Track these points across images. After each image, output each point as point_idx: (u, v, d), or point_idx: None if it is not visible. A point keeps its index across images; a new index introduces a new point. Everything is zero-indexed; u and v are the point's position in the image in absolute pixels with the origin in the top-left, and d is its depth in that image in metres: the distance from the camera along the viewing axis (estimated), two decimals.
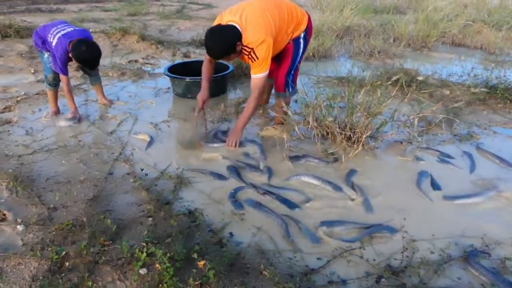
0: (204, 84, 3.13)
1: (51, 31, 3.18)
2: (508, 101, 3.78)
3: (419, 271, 1.79)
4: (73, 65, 4.39)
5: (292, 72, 3.12)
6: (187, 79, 3.84)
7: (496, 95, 3.88)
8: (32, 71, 4.84)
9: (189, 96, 3.92)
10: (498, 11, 8.31)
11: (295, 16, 2.94)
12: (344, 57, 5.77)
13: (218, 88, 4.04)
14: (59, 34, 3.13)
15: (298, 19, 2.97)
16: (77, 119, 3.39)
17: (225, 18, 2.79)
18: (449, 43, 6.63)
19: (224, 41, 2.70)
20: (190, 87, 3.89)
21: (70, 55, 3.10)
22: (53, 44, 3.13)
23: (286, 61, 3.07)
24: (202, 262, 1.68)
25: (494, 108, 3.74)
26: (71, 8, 9.52)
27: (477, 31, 6.71)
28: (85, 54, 3.07)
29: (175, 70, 4.08)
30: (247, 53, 2.77)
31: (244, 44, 2.73)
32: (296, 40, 3.02)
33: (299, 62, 3.15)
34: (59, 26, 3.23)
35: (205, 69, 3.14)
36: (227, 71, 4.02)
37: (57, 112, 3.55)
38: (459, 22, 6.75)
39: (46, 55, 3.35)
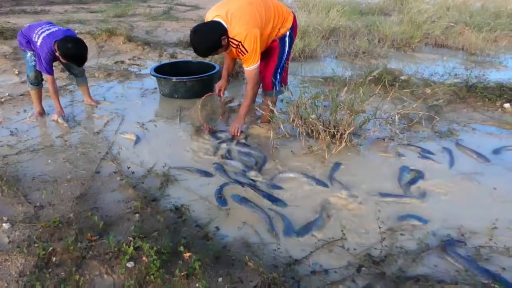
0: (223, 73, 3.37)
1: (36, 31, 3.19)
2: (487, 99, 3.89)
3: (398, 260, 1.86)
4: (58, 66, 4.41)
5: (279, 71, 3.18)
6: (174, 79, 3.87)
7: (476, 94, 4.00)
8: (16, 72, 4.82)
9: (176, 96, 3.95)
10: (480, 13, 8.51)
11: (281, 13, 3.01)
12: (330, 57, 5.86)
13: (204, 88, 4.07)
14: (43, 34, 3.14)
15: (284, 16, 3.03)
16: (60, 118, 3.39)
17: (211, 14, 2.86)
18: (432, 44, 6.78)
19: (208, 38, 2.76)
20: (177, 87, 3.92)
21: (56, 54, 3.11)
22: (38, 43, 3.14)
23: (273, 60, 3.13)
24: (187, 254, 1.72)
25: (474, 106, 3.85)
26: (56, 9, 9.46)
27: (459, 33, 6.87)
28: (72, 50, 3.06)
29: (162, 71, 4.11)
30: (235, 46, 2.82)
31: (231, 36, 2.78)
32: (282, 39, 3.08)
33: (286, 61, 3.21)
34: (44, 26, 3.24)
35: (225, 59, 3.33)
36: (214, 71, 4.06)
37: (42, 112, 3.54)
38: (441, 24, 6.90)
39: (29, 54, 3.34)
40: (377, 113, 3.05)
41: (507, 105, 3.80)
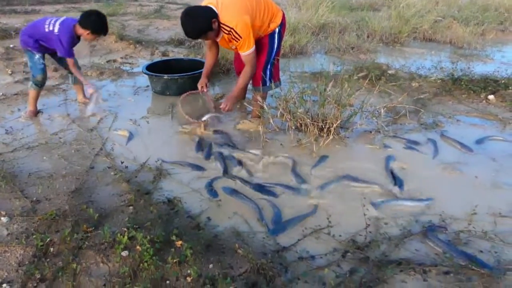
0: (204, 71, 3.42)
1: (46, 23, 3.24)
2: (472, 92, 4.00)
3: (381, 245, 1.95)
4: (51, 65, 4.46)
5: (269, 66, 3.25)
6: (165, 76, 3.94)
7: (461, 86, 4.10)
8: (9, 72, 4.85)
9: (168, 93, 4.02)
10: (468, 7, 8.64)
11: (271, 8, 3.10)
12: (320, 53, 5.94)
13: (196, 85, 4.13)
14: (57, 22, 3.23)
15: (274, 11, 3.12)
16: (97, 91, 3.50)
17: (203, 3, 2.96)
18: (421, 39, 6.89)
19: (199, 19, 2.81)
20: (169, 84, 3.99)
21: (81, 33, 3.22)
22: (55, 31, 3.21)
23: (262, 56, 3.21)
24: (179, 242, 1.80)
25: (459, 99, 3.96)
26: (47, 9, 9.45)
27: (447, 27, 6.98)
28: (98, 20, 3.21)
29: (154, 68, 4.17)
30: (227, 32, 2.88)
31: (222, 22, 2.85)
32: (271, 35, 3.16)
33: (276, 58, 3.28)
34: (50, 18, 3.30)
35: (206, 57, 3.42)
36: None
37: (35, 112, 3.59)
38: (429, 18, 7.01)
39: (37, 56, 3.36)
40: (363, 106, 3.14)
41: (491, 96, 3.91)
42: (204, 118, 3.33)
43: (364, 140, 3.11)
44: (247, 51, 2.97)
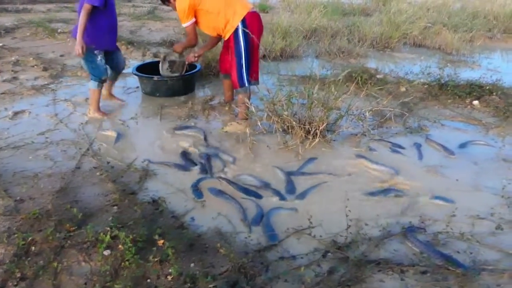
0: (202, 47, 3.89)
1: None
2: (457, 97, 4.06)
3: (361, 246, 1.98)
4: (40, 65, 4.45)
5: (243, 67, 3.30)
6: (155, 78, 3.95)
7: (447, 92, 4.17)
8: None
9: (157, 94, 4.03)
10: (458, 14, 8.75)
11: (232, 4, 3.21)
12: (311, 57, 5.99)
13: (186, 87, 4.16)
14: None
15: (235, 8, 3.21)
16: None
17: None
18: (411, 44, 6.97)
19: None
20: (158, 85, 4.00)
21: None
22: None
23: (233, 58, 3.31)
24: (161, 241, 1.82)
25: (445, 103, 4.02)
26: (39, 8, 9.41)
27: (436, 33, 7.07)
28: None
29: (145, 69, 4.16)
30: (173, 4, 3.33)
31: None
32: (235, 35, 3.24)
33: (249, 57, 3.30)
34: None
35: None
36: (195, 70, 4.14)
37: (103, 113, 3.61)
38: (420, 24, 7.09)
39: (99, 57, 3.38)
40: (350, 110, 3.18)
41: (476, 102, 3.98)
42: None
43: (350, 143, 3.15)
44: (184, 24, 3.31)
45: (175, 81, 3.99)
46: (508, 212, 2.28)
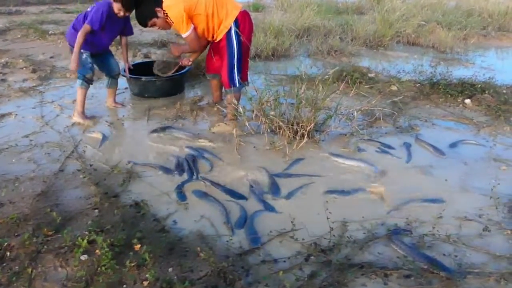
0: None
1: (88, 10, 3.24)
2: (449, 96, 4.03)
3: (345, 249, 1.94)
4: (29, 66, 4.40)
5: (235, 67, 3.26)
6: (143, 79, 3.91)
7: (439, 90, 4.13)
8: None
9: (146, 95, 3.99)
10: (453, 12, 8.72)
11: (224, 5, 3.16)
12: (303, 56, 5.96)
13: (175, 87, 4.12)
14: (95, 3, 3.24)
15: (226, 9, 3.16)
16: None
17: None
18: (404, 42, 6.94)
19: (142, 8, 3.14)
20: (146, 86, 3.96)
21: (116, 6, 3.18)
22: (94, 8, 3.20)
23: (225, 58, 3.26)
24: (138, 246, 1.78)
25: (436, 102, 3.99)
26: (31, 10, 9.35)
27: (430, 31, 7.04)
28: None
29: (135, 70, 4.08)
30: (167, 17, 3.11)
31: (164, 9, 3.08)
32: (228, 36, 3.20)
33: (241, 58, 3.28)
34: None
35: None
36: (185, 70, 4.08)
37: (85, 116, 3.50)
38: (413, 22, 7.06)
39: (84, 55, 3.32)
40: (338, 109, 3.15)
41: (467, 101, 3.94)
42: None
43: (338, 143, 3.11)
44: (184, 34, 3.15)
45: (164, 81, 3.95)
46: (496, 213, 2.25)
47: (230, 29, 3.19)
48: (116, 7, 3.19)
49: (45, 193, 2.36)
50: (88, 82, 3.44)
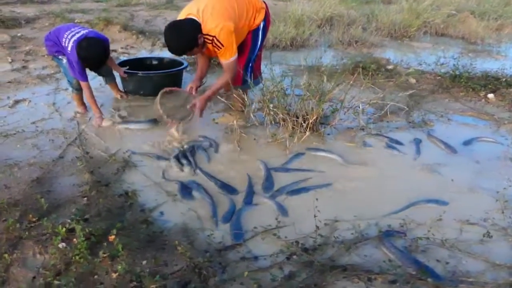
0: (197, 74, 3.24)
1: (65, 36, 3.02)
2: (471, 89, 3.79)
3: (331, 249, 1.85)
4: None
5: (250, 64, 3.16)
6: (140, 74, 3.70)
7: (460, 84, 3.90)
8: (10, 60, 4.92)
9: (142, 92, 3.79)
10: (489, 1, 8.23)
11: (254, 4, 2.99)
12: (323, 46, 5.79)
13: (172, 84, 3.94)
14: (73, 38, 2.96)
15: (257, 7, 3.01)
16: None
17: (185, 12, 2.85)
18: (432, 33, 6.61)
19: (185, 35, 2.70)
20: (142, 82, 3.75)
21: None
22: (69, 49, 2.97)
23: (244, 54, 3.10)
24: (112, 237, 1.76)
25: (456, 96, 3.76)
26: None
27: (461, 21, 6.68)
28: (84, 51, 2.90)
29: (132, 65, 3.85)
30: (210, 41, 2.77)
31: (204, 33, 2.74)
32: (255, 32, 3.06)
33: (258, 53, 3.19)
34: (73, 30, 3.06)
35: (199, 59, 3.21)
36: (182, 67, 3.90)
37: (86, 110, 3.46)
38: (443, 12, 6.71)
39: (64, 61, 3.17)
40: (344, 102, 3.02)
41: (491, 95, 3.70)
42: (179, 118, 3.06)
43: (345, 137, 2.99)
44: (228, 60, 2.85)
45: (162, 76, 3.72)
46: (502, 218, 2.08)
47: (258, 26, 3.05)
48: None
49: (40, 179, 2.39)
50: (77, 89, 3.31)
